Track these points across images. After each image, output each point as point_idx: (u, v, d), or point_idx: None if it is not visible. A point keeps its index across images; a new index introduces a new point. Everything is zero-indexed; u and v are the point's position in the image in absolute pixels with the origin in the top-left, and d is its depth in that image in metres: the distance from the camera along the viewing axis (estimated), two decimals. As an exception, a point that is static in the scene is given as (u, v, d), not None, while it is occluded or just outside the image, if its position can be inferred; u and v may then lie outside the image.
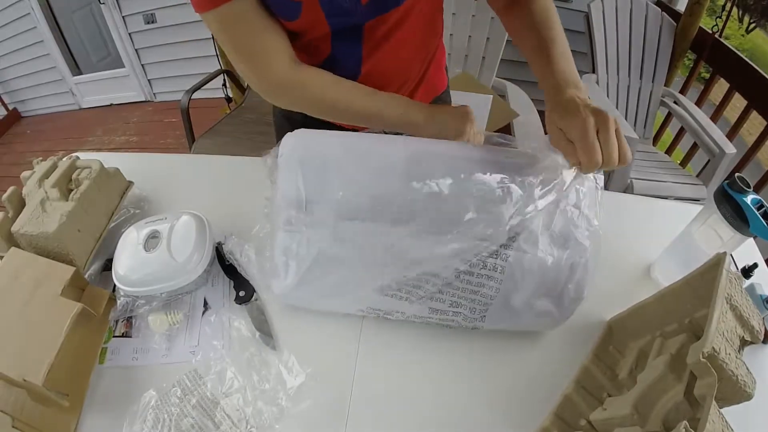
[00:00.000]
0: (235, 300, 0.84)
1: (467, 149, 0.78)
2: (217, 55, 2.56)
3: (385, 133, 0.90)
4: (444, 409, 0.72)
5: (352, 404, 0.72)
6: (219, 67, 2.52)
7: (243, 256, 0.87)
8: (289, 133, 0.77)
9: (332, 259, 0.73)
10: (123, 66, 3.75)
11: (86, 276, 0.86)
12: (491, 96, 1.95)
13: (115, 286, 0.81)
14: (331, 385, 0.74)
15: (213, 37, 0.82)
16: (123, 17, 3.41)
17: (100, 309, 0.78)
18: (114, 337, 0.80)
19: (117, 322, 0.82)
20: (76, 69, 4.00)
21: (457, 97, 2.24)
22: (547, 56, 0.76)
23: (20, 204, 0.86)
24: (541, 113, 2.17)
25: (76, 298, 0.75)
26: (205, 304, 0.84)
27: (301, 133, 0.78)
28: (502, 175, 0.73)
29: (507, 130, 2.12)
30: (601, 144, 0.63)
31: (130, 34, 3.51)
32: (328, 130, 0.79)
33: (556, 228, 0.75)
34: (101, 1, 3.34)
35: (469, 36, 2.39)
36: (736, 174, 0.76)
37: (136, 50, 3.61)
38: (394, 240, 0.74)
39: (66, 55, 3.89)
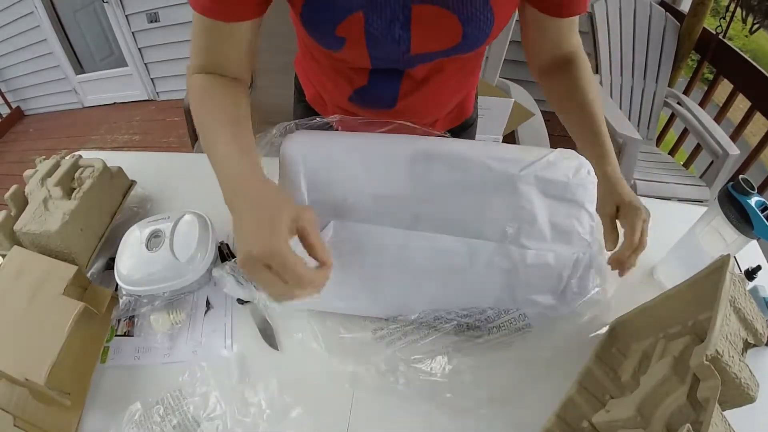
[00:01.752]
0: (237, 300, 0.84)
1: (470, 147, 0.78)
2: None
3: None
4: (446, 408, 0.71)
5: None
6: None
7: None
8: (290, 135, 0.77)
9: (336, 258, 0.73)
10: (126, 65, 3.75)
11: (89, 275, 0.86)
12: (512, 100, 1.96)
13: (117, 285, 0.81)
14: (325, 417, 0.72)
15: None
16: (126, 16, 3.41)
17: (102, 308, 0.78)
18: (116, 336, 0.80)
19: (119, 321, 0.82)
20: (79, 67, 4.00)
21: (479, 102, 2.25)
22: (592, 132, 0.76)
23: (23, 202, 0.86)
24: (543, 113, 2.18)
25: (78, 297, 0.75)
26: (208, 303, 0.84)
27: (303, 134, 0.78)
28: (506, 173, 0.73)
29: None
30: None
31: (133, 32, 3.51)
32: (330, 131, 0.79)
33: (558, 224, 0.75)
34: (104, 0, 3.34)
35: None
36: (740, 176, 0.75)
37: (139, 49, 3.61)
38: (400, 241, 0.74)
39: (69, 53, 3.89)
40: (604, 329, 0.79)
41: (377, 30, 0.68)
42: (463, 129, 1.06)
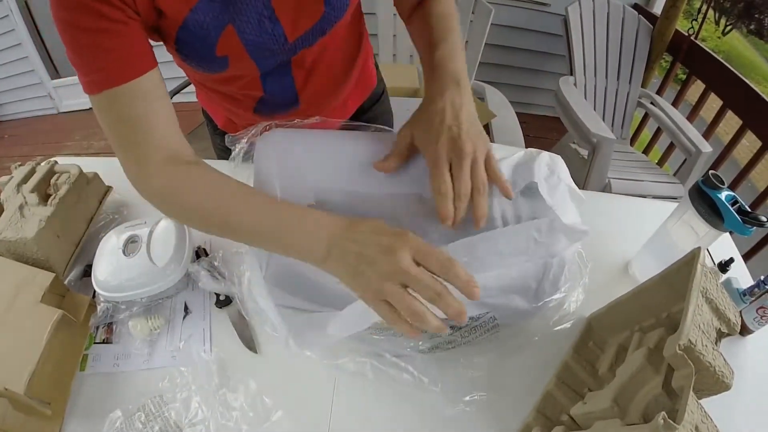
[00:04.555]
0: (215, 304, 0.83)
1: None
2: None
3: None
4: (427, 407, 0.72)
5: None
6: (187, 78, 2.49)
7: (219, 260, 0.86)
8: (265, 134, 0.77)
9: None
10: (102, 70, 3.70)
11: (66, 282, 0.85)
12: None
13: (95, 291, 0.80)
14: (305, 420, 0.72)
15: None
16: (102, 20, 3.36)
17: (80, 315, 0.77)
18: (95, 343, 0.79)
19: (98, 328, 0.81)
20: (55, 72, 3.93)
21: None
22: (432, 52, 0.73)
23: (-2, 210, 0.85)
24: (519, 115, 2.21)
25: (56, 304, 0.74)
26: (186, 308, 0.84)
27: (276, 133, 0.78)
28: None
29: (485, 130, 2.14)
30: (453, 177, 0.64)
31: (109, 37, 3.46)
32: (303, 129, 0.79)
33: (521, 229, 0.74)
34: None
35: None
36: (711, 171, 0.77)
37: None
38: None
39: (44, 58, 3.82)
40: (581, 324, 0.81)
41: (251, 34, 0.70)
42: (374, 101, 1.08)
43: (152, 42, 0.66)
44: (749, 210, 0.75)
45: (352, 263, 0.55)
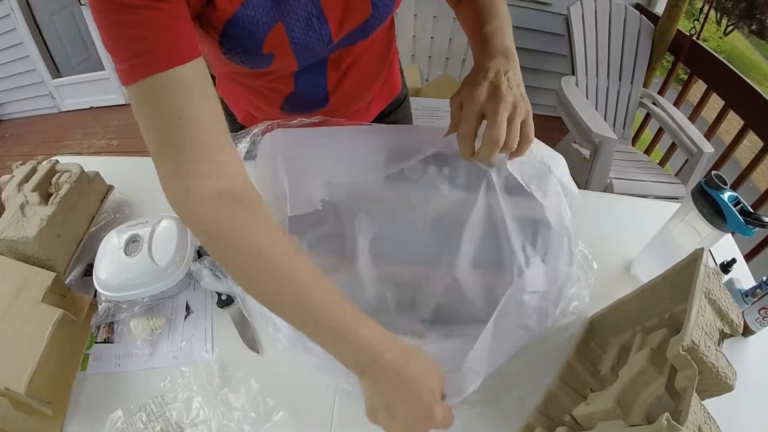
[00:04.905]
0: (217, 303, 0.83)
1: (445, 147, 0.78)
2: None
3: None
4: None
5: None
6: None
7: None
8: (269, 133, 0.77)
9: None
10: (104, 68, 3.69)
11: (67, 282, 0.85)
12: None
13: (96, 291, 0.80)
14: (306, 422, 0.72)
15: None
16: (103, 20, 3.36)
17: (81, 315, 0.77)
18: (96, 343, 0.79)
19: (99, 327, 0.81)
20: (56, 71, 3.93)
21: (438, 102, 2.25)
22: (481, 29, 0.72)
23: (-1, 209, 0.85)
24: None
25: (57, 304, 0.74)
26: (188, 308, 0.84)
27: (280, 132, 0.78)
28: (479, 173, 0.73)
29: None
30: (488, 124, 0.62)
31: (110, 36, 3.46)
32: (307, 128, 0.79)
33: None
34: (82, 3, 3.29)
35: (450, 38, 2.42)
36: (713, 172, 0.77)
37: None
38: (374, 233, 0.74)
39: (45, 57, 3.82)
40: (583, 324, 0.80)
41: (299, 32, 0.69)
42: (396, 106, 1.08)
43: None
44: (752, 211, 0.74)
45: (380, 406, 0.56)
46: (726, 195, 0.76)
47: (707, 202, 0.77)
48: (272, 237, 0.58)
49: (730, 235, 0.98)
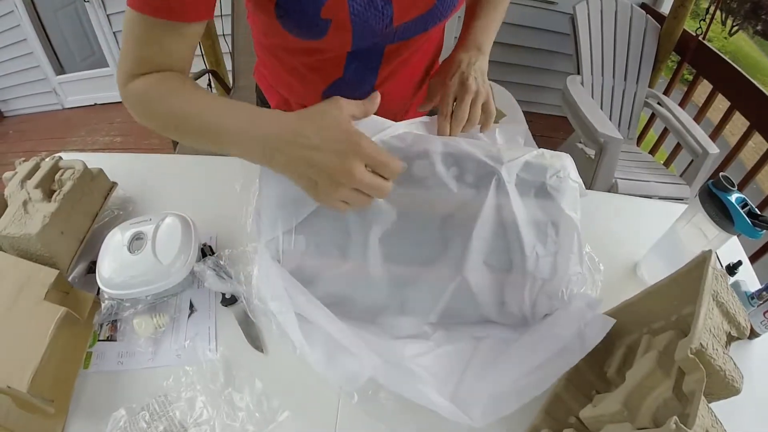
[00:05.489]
0: (221, 302, 0.83)
1: (452, 141, 0.78)
2: (201, 55, 2.54)
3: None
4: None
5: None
6: (204, 67, 2.49)
7: (225, 259, 0.86)
8: None
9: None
10: (107, 65, 3.70)
11: (70, 279, 0.85)
12: (525, 128, 1.98)
13: (99, 289, 0.79)
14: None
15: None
16: (107, 15, 3.36)
17: (84, 313, 0.77)
18: (99, 341, 0.79)
19: (102, 325, 0.80)
20: (60, 68, 3.94)
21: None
22: (472, 20, 0.86)
23: (2, 206, 0.84)
24: (526, 113, 2.20)
25: (59, 301, 0.74)
26: (191, 306, 0.83)
27: None
28: (488, 172, 0.73)
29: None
30: (455, 107, 0.76)
31: (114, 32, 3.46)
32: None
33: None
34: (86, 0, 3.30)
35: (455, 37, 2.40)
36: (721, 173, 0.77)
37: (120, 49, 3.56)
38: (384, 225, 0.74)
39: (49, 53, 3.83)
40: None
41: (361, 5, 0.68)
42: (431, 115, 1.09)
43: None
44: (759, 213, 0.74)
45: (303, 170, 0.59)
46: (733, 197, 0.75)
47: (714, 203, 0.76)
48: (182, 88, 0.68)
49: (736, 237, 0.97)
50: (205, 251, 0.88)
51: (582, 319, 0.72)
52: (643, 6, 2.52)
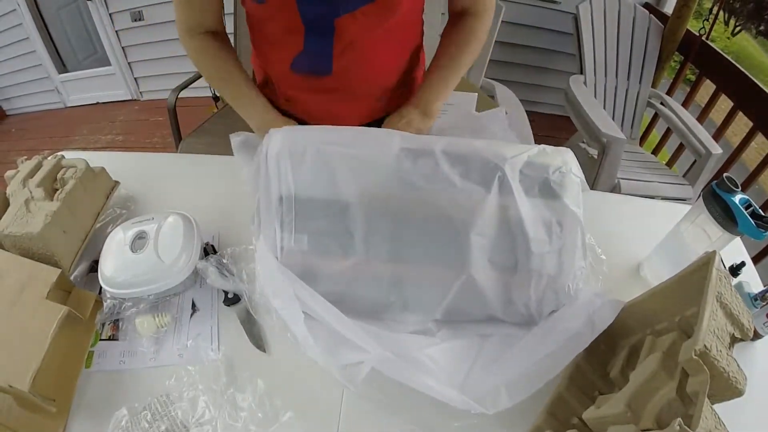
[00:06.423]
0: (223, 302, 0.83)
1: (455, 140, 0.77)
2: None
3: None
4: (437, 407, 0.71)
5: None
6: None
7: (227, 258, 0.85)
8: (273, 130, 0.77)
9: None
10: (109, 64, 3.70)
11: (72, 278, 0.85)
12: (476, 94, 1.97)
13: (101, 288, 0.79)
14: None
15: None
16: (110, 14, 3.36)
17: (86, 312, 0.77)
18: (101, 340, 0.79)
19: (104, 325, 0.80)
20: (62, 67, 3.94)
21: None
22: (430, 73, 0.95)
23: (4, 204, 0.85)
24: (528, 113, 2.19)
25: (61, 300, 0.74)
26: (194, 305, 0.83)
27: (287, 130, 0.78)
28: (491, 169, 0.73)
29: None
30: None
31: (116, 31, 3.46)
32: (314, 125, 0.79)
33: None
34: (88, -2, 3.30)
35: (442, 13, 2.40)
36: (725, 174, 0.76)
37: (122, 48, 3.56)
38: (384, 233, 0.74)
39: (52, 52, 3.83)
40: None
41: None
42: None
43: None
44: (763, 214, 0.74)
45: None
46: (737, 198, 0.75)
47: (718, 204, 0.76)
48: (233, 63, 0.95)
49: (739, 238, 0.97)
50: (208, 250, 0.88)
51: (591, 307, 0.72)
52: (646, 6, 2.51)
